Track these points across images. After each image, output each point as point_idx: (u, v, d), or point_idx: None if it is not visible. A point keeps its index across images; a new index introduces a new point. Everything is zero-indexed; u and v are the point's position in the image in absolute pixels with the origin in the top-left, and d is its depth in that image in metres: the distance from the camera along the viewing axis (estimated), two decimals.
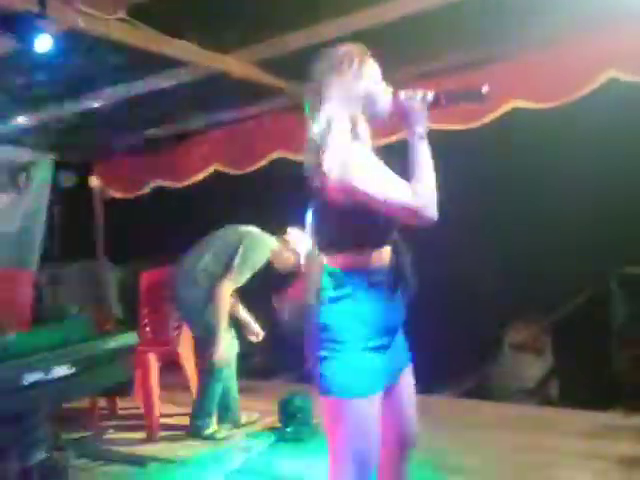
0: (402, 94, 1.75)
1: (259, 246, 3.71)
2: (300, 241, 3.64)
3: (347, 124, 1.71)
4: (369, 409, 1.69)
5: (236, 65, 3.67)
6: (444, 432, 3.56)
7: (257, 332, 3.98)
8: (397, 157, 1.78)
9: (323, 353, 1.70)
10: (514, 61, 3.51)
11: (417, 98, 1.73)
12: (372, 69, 1.78)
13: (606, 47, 3.24)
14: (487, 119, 3.54)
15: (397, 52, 3.51)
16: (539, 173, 4.50)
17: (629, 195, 4.21)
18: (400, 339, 1.87)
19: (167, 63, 3.55)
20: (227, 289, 3.60)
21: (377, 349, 1.72)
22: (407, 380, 1.89)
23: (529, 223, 4.63)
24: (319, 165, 1.67)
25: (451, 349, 4.38)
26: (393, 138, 2.77)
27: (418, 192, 1.64)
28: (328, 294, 1.74)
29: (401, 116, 1.75)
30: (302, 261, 3.55)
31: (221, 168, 4.95)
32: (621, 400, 4.11)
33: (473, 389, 4.57)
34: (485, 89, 1.73)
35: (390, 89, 1.79)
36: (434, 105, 1.74)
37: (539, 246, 4.64)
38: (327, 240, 1.78)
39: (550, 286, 4.61)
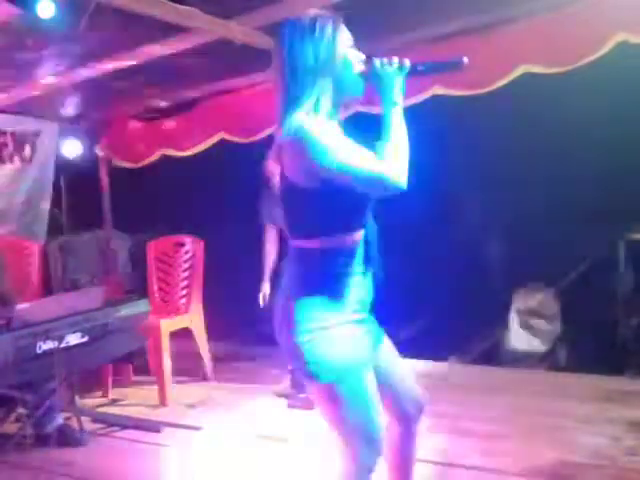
0: (377, 61, 1.68)
1: None
2: None
3: (314, 97, 1.61)
4: (363, 382, 1.66)
5: (240, 31, 3.61)
6: (456, 397, 3.60)
7: None
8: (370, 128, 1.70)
9: (303, 338, 1.64)
10: (524, 25, 3.45)
11: (393, 66, 1.67)
12: (345, 35, 1.68)
13: (616, 9, 3.17)
14: (498, 84, 3.50)
15: (405, 15, 3.46)
16: (549, 139, 4.46)
17: (639, 161, 4.17)
18: (370, 318, 1.82)
19: (171, 29, 3.50)
20: None
21: (355, 322, 1.69)
22: (390, 354, 1.86)
23: (538, 189, 4.60)
24: (281, 143, 1.60)
25: (461, 315, 4.40)
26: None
27: (386, 160, 1.56)
28: (300, 280, 1.70)
29: (375, 84, 1.68)
30: None
31: (227, 136, 4.91)
32: (629, 365, 4.14)
33: (483, 355, 4.60)
34: (465, 59, 1.68)
35: (363, 56, 1.71)
36: (412, 73, 1.69)
37: (548, 212, 4.62)
38: (296, 226, 1.71)
39: (559, 252, 4.60)
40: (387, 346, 1.87)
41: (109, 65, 4.10)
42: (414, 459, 1.97)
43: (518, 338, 4.65)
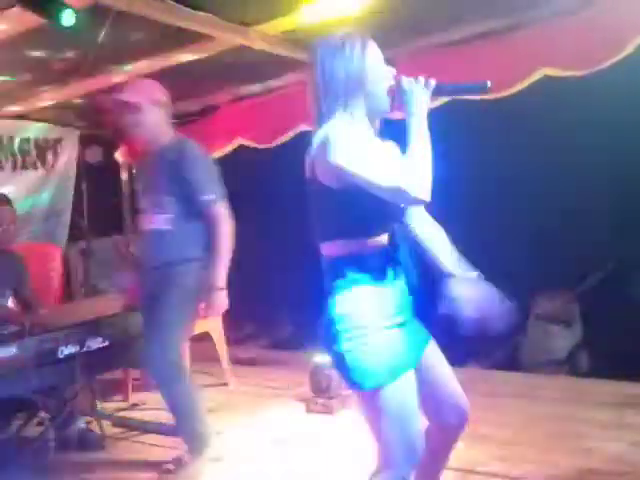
0: (404, 80, 1.71)
1: None
2: None
3: (347, 111, 1.67)
4: (406, 389, 1.67)
5: (259, 38, 3.64)
6: (475, 402, 3.55)
7: None
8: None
9: (345, 346, 1.65)
10: (544, 28, 3.44)
11: (420, 84, 1.70)
12: (374, 52, 1.73)
13: (635, 14, 3.15)
14: (517, 88, 3.49)
15: (424, 19, 3.47)
16: (569, 143, 4.42)
17: None
18: (414, 322, 1.83)
19: (190, 37, 3.54)
20: None
21: (397, 325, 1.69)
22: (435, 357, 1.86)
23: (558, 192, 4.57)
24: (313, 153, 1.68)
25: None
26: None
27: (407, 172, 1.58)
28: (334, 284, 1.71)
29: (401, 100, 1.71)
30: None
31: (246, 142, 4.94)
32: None
33: (502, 360, 4.57)
34: (489, 83, 1.71)
35: (393, 71, 1.76)
36: (437, 93, 1.72)
37: (567, 215, 4.58)
38: (323, 228, 1.75)
39: (578, 256, 4.56)
40: (432, 349, 1.86)
41: (128, 73, 4.15)
42: (444, 466, 1.99)
43: (537, 343, 4.61)
